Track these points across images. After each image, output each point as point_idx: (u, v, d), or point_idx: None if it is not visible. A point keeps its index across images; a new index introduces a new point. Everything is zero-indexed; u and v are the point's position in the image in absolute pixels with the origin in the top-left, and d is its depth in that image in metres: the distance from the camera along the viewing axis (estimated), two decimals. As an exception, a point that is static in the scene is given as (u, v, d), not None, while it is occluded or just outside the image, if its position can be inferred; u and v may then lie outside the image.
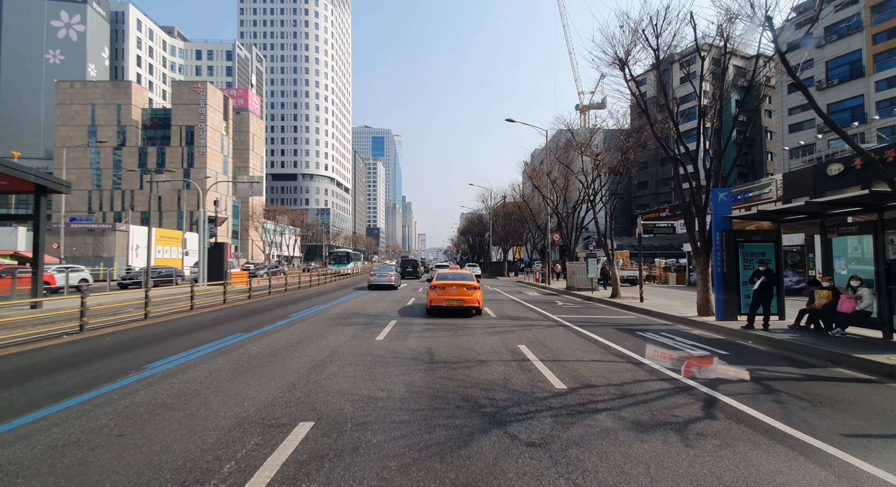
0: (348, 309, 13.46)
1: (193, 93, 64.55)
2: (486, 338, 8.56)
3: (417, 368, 6.03)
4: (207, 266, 21.88)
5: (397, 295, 19.16)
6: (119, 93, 65.13)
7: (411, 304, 15.36)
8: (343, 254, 46.62)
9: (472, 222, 69.57)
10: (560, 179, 24.02)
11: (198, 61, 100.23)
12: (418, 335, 8.91)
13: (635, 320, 11.82)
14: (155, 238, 47.76)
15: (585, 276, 20.81)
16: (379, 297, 18.31)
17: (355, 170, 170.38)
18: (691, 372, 5.86)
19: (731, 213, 10.62)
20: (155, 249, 47.77)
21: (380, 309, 13.57)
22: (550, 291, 22.93)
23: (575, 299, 18.22)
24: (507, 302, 16.49)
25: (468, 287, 12.46)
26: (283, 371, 5.78)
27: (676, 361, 6.69)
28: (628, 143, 17.13)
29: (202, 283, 21.25)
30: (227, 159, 69.97)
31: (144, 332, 9.06)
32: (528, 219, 31.43)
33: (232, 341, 7.99)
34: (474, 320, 11.41)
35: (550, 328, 10.06)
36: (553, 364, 6.36)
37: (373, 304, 15.20)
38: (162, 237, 48.03)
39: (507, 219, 41.33)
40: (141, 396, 4.69)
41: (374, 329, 9.59)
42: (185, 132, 64.65)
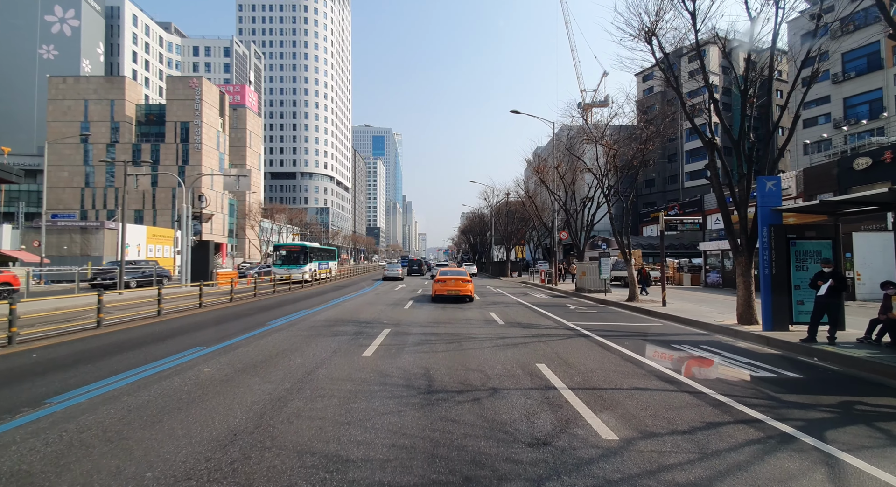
0: (337, 315, 11.98)
1: (188, 89, 63.10)
2: (495, 354, 7.08)
3: (411, 402, 4.55)
4: (192, 265, 20.42)
5: (395, 297, 17.71)
6: (112, 89, 63.67)
7: (409, 308, 13.90)
8: (297, 250, 27.99)
9: (473, 221, 68.09)
10: (568, 174, 22.53)
11: (195, 58, 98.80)
12: (414, 349, 7.43)
13: (663, 328, 10.33)
14: (146, 236, 46.40)
15: (597, 277, 19.33)
16: (376, 298, 16.84)
17: (355, 169, 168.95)
18: (782, 415, 4.37)
19: (780, 205, 9.12)
20: (147, 248, 46.38)
21: (372, 314, 12.10)
22: (559, 293, 21.44)
23: (587, 302, 16.73)
24: (514, 306, 15.02)
25: (463, 280, 16.36)
26: (230, 408, 4.30)
27: (748, 389, 5.20)
28: (647, 133, 15.64)
29: (185, 284, 19.82)
30: (223, 156, 68.50)
31: (86, 345, 7.58)
32: (534, 217, 29.93)
33: (185, 358, 6.52)
34: (479, 328, 9.94)
35: (569, 339, 8.58)
36: (587, 394, 4.88)
37: (366, 308, 13.73)
38: (154, 235, 46.62)
39: (510, 217, 39.84)
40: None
41: (363, 340, 8.11)
42: (180, 128, 63.20)
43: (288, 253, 28.06)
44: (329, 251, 37.18)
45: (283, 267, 26.67)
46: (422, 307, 14.35)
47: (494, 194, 41.00)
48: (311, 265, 28.12)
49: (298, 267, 26.77)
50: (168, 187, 63.10)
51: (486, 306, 14.95)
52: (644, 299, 15.55)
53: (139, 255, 43.78)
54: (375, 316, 11.74)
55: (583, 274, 20.01)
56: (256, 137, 79.73)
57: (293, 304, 14.78)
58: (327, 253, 36.31)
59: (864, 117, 37.53)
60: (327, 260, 34.88)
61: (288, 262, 27.27)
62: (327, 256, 35.60)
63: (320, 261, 31.67)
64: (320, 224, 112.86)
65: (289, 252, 28.24)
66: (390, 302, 16.11)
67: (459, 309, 13.98)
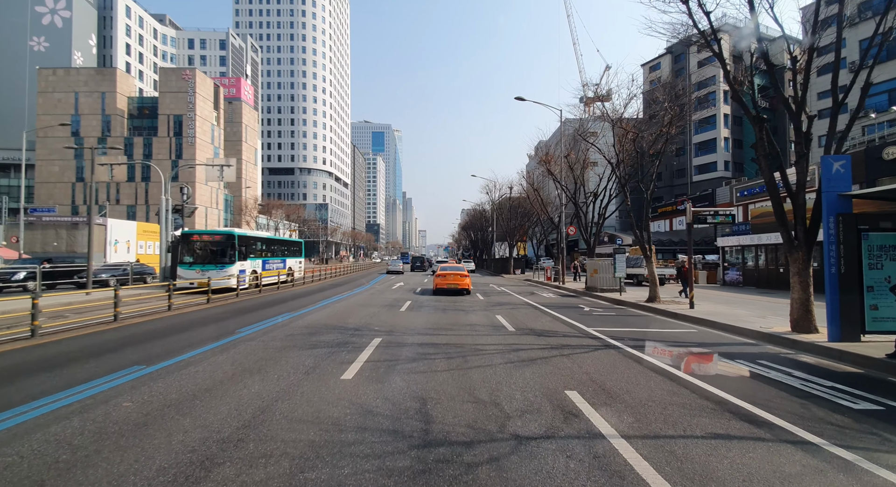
0: (323, 319, 10.50)
1: (181, 81, 61.39)
2: (510, 375, 5.59)
3: (397, 466, 3.06)
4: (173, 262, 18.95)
5: (391, 297, 16.25)
6: (104, 81, 62.00)
7: (406, 310, 12.44)
8: (219, 240, 18.86)
9: (474, 217, 66.58)
10: (577, 165, 21.00)
11: (190, 50, 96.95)
12: (407, 367, 5.94)
13: (700, 336, 8.85)
14: (137, 232, 44.89)
15: (611, 275, 17.86)
16: (370, 299, 15.37)
17: (354, 165, 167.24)
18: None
19: (850, 190, 7.60)
20: (137, 244, 44.90)
21: (363, 318, 10.62)
22: (568, 292, 19.96)
23: (602, 303, 15.26)
24: (523, 308, 13.54)
25: (461, 275, 18.06)
26: (117, 483, 2.81)
27: (868, 435, 3.72)
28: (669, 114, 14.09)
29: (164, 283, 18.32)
30: (217, 150, 66.87)
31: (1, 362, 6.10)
32: (539, 211, 28.40)
33: (112, 383, 5.04)
34: (487, 336, 8.46)
35: (597, 352, 7.09)
36: (652, 448, 3.39)
37: (357, 311, 12.24)
38: (144, 231, 45.11)
39: (512, 212, 38.30)
40: None
41: (346, 355, 6.63)
42: (173, 121, 61.56)
43: (203, 246, 18.05)
44: (288, 244, 25.80)
45: (194, 269, 17.34)
46: (420, 309, 12.88)
47: (496, 188, 39.53)
48: (246, 264, 18.57)
49: (220, 267, 17.31)
50: (161, 182, 61.53)
51: (492, 308, 13.47)
52: (665, 300, 14.08)
53: (129, 252, 42.35)
54: (367, 321, 10.26)
55: (594, 272, 18.53)
56: (252, 131, 78.06)
57: (276, 306, 13.30)
58: (284, 246, 24.82)
59: (883, 107, 35.93)
60: (283, 255, 23.85)
61: (202, 260, 17.63)
62: (284, 251, 24.38)
63: (268, 258, 21.45)
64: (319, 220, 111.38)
65: (204, 244, 18.18)
66: (385, 302, 14.63)
67: (462, 311, 12.51)
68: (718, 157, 44.80)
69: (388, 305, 13.79)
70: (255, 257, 20.27)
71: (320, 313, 11.57)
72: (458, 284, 17.63)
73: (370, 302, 14.86)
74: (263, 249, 21.74)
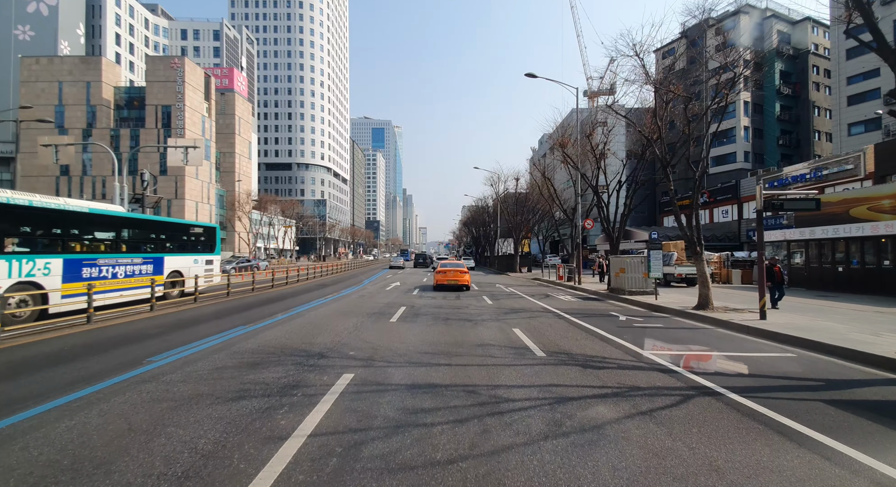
0: (282, 338, 7.82)
1: (170, 70, 58.65)
2: (565, 461, 2.94)
3: None
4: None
5: (383, 300, 13.64)
6: (89, 70, 59.25)
7: (398, 320, 9.80)
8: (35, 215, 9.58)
9: (476, 213, 63.92)
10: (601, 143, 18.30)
11: (183, 41, 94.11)
12: (384, 457, 3.30)
13: (811, 366, 6.19)
14: (117, 228, 42.24)
15: (640, 276, 15.22)
16: (357, 304, 12.73)
17: (353, 160, 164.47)
18: None
19: None
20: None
21: (338, 335, 7.96)
22: (588, 294, 17.31)
23: (635, 309, 12.60)
24: (543, 316, 10.89)
25: (461, 272, 18.05)
26: None
27: None
28: (722, 70, 11.39)
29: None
30: (209, 143, 64.06)
31: None
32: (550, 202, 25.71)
33: None
34: (508, 368, 5.78)
35: (689, 406, 4.43)
36: None
37: (334, 323, 9.58)
38: (126, 227, 42.53)
39: (518, 206, 35.58)
40: None
41: (283, 419, 3.95)
42: (161, 112, 58.85)
43: None
44: (165, 230, 14.63)
45: None
46: (416, 319, 10.23)
47: (501, 180, 36.70)
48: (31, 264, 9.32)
49: None
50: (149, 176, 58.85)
51: (506, 316, 10.82)
52: (717, 306, 11.40)
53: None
54: (341, 339, 7.61)
55: (620, 272, 15.87)
56: (246, 124, 75.30)
57: (237, 315, 10.65)
58: (151, 233, 14.02)
59: (920, 92, 33.10)
60: (152, 250, 13.51)
61: None
62: (153, 242, 13.87)
63: (94, 256, 11.19)
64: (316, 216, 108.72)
65: None
66: (374, 309, 11.99)
67: (469, 322, 9.87)
68: (738, 148, 41.99)
69: (377, 313, 11.14)
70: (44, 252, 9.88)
71: (285, 326, 8.91)
72: (459, 280, 17.90)
73: (356, 308, 12.21)
74: (75, 236, 11.07)
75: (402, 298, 15.09)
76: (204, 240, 16.10)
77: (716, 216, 36.60)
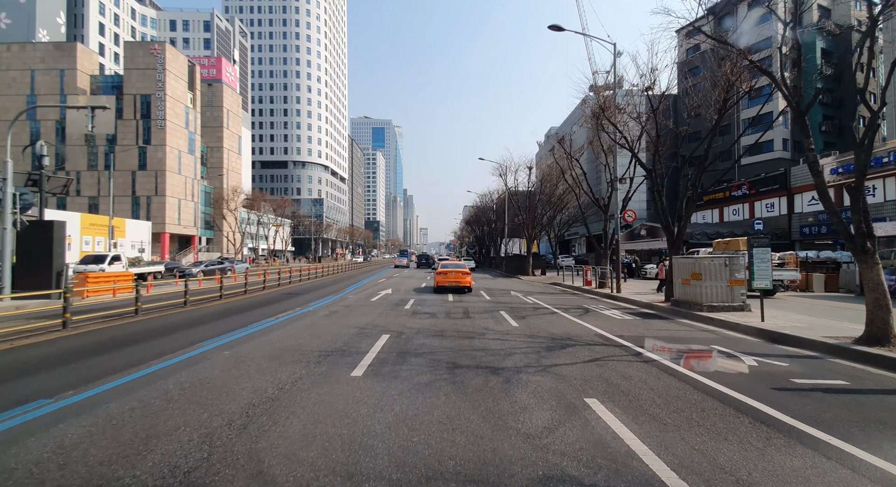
0: (221, 374, 3.44)
1: (149, 56, 54.36)
2: None
3: None
4: (28, 260, 12.00)
5: (362, 320, 9.24)
6: (63, 57, 55.01)
7: (363, 372, 5.35)
8: None
9: (479, 211, 59.53)
10: (664, 103, 13.87)
11: (172, 32, 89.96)
12: None
13: None
14: (81, 226, 37.97)
15: (724, 284, 10.81)
16: (326, 328, 8.33)
17: (352, 158, 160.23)
18: None
19: None
20: (82, 240, 37.96)
21: (260, 396, 3.60)
22: (641, 309, 12.87)
23: (745, 339, 8.11)
24: (618, 362, 6.41)
25: (462, 273, 17.55)
26: None
27: None
28: None
29: (4, 295, 11.41)
30: (193, 136, 59.82)
31: None
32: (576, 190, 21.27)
33: None
34: None
35: None
36: None
37: (245, 385, 5.19)
38: (91, 225, 38.21)
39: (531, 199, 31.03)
40: None
41: None
42: (141, 102, 54.54)
43: None
44: None
45: None
46: (399, 368, 5.77)
47: (511, 171, 32.07)
48: None
49: None
50: (127, 171, 54.66)
51: (553, 358, 6.36)
52: None
53: (69, 249, 35.47)
54: (225, 452, 3.19)
55: (692, 278, 11.44)
56: (235, 117, 70.98)
57: (161, 339, 6.29)
58: None
59: None
60: None
61: None
62: None
63: None
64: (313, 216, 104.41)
65: None
66: (338, 341, 7.52)
67: (495, 376, 5.39)
68: (775, 135, 37.46)
69: (338, 352, 6.71)
70: None
71: (236, 351, 4.49)
72: (460, 282, 17.20)
73: (309, 340, 7.76)
74: None
75: (387, 317, 10.66)
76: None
77: (757, 210, 32.09)
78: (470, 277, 17.71)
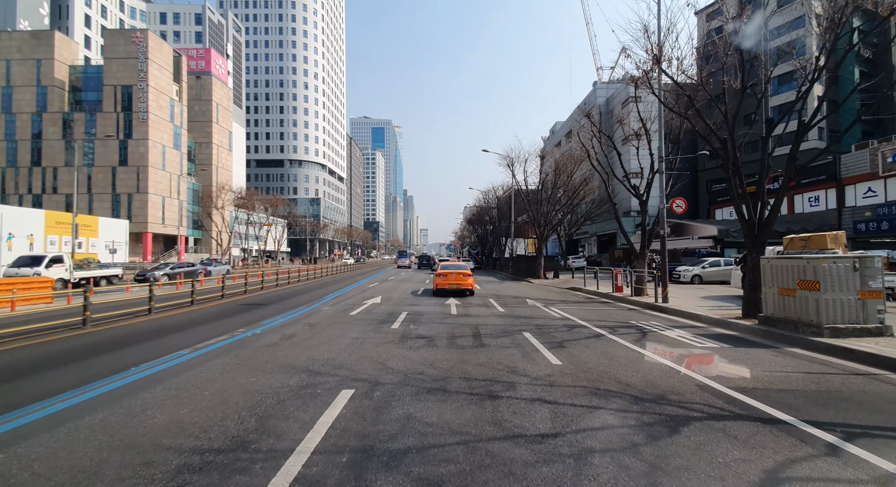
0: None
1: (131, 45, 51.12)
2: None
3: None
4: None
5: (324, 352, 5.89)
6: (39, 46, 51.79)
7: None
8: None
9: (481, 210, 56.18)
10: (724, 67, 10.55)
11: (162, 26, 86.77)
12: None
13: None
14: (45, 224, 34.60)
15: (851, 296, 7.45)
16: (269, 360, 4.97)
17: (351, 157, 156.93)
18: None
19: None
20: (46, 240, 34.59)
21: None
22: (715, 327, 9.49)
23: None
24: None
25: (464, 274, 16.46)
26: None
27: None
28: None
29: None
30: (179, 130, 56.51)
31: None
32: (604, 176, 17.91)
33: None
34: None
35: None
36: None
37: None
38: (57, 223, 34.78)
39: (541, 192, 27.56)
40: None
41: None
42: (122, 94, 51.26)
43: None
44: None
45: None
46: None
47: (520, 161, 28.52)
48: None
49: None
50: (107, 167, 51.32)
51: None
52: None
53: (31, 250, 32.13)
54: None
55: (800, 287, 8.06)
56: (226, 111, 67.67)
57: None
58: None
59: None
60: None
61: None
62: None
63: None
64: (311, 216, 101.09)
65: None
66: (262, 408, 4.18)
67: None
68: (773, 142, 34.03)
69: (218, 467, 3.34)
70: None
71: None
72: (461, 284, 16.24)
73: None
74: None
75: (363, 346, 7.27)
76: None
77: (798, 205, 28.70)
78: (472, 279, 16.65)
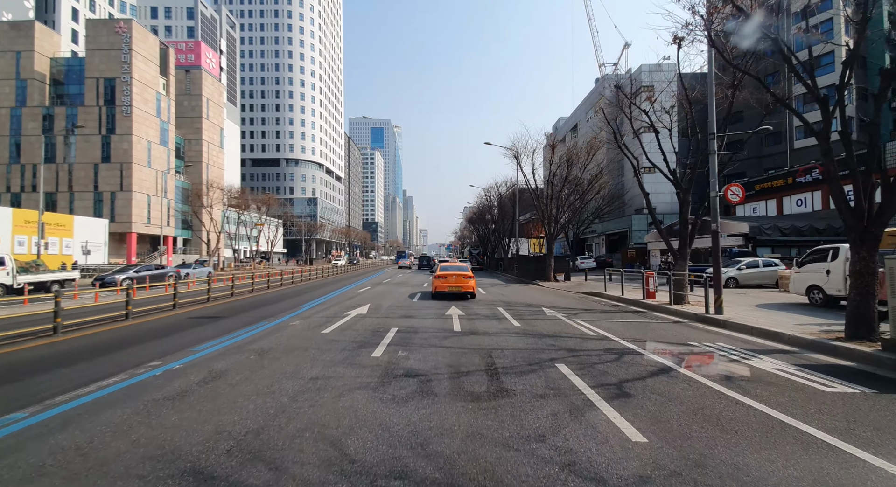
0: None
1: (114, 35, 48.60)
2: None
3: None
4: None
5: (272, 402, 3.51)
6: (18, 38, 49.28)
7: None
8: None
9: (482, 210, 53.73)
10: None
11: (153, 20, 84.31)
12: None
13: None
14: (12, 223, 32.05)
15: None
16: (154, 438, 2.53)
17: (349, 157, 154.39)
18: None
19: None
20: (14, 240, 32.05)
21: None
22: (814, 354, 6.92)
23: None
24: None
25: (465, 276, 15.65)
26: None
27: None
28: None
29: None
30: (166, 125, 53.98)
31: None
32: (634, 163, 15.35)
33: None
34: None
35: None
36: None
37: None
38: (26, 222, 32.24)
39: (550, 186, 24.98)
40: None
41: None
42: (104, 87, 48.74)
43: None
44: None
45: None
46: None
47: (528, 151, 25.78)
48: None
49: None
50: (89, 164, 48.75)
51: None
52: None
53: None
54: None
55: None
56: (217, 107, 65.13)
57: None
58: None
59: None
60: None
61: None
62: None
63: None
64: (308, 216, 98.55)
65: None
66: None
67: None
68: (836, 113, 31.53)
69: None
70: None
71: None
72: (462, 287, 15.34)
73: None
74: None
75: (320, 395, 4.71)
76: None
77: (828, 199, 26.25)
78: (473, 281, 15.74)
